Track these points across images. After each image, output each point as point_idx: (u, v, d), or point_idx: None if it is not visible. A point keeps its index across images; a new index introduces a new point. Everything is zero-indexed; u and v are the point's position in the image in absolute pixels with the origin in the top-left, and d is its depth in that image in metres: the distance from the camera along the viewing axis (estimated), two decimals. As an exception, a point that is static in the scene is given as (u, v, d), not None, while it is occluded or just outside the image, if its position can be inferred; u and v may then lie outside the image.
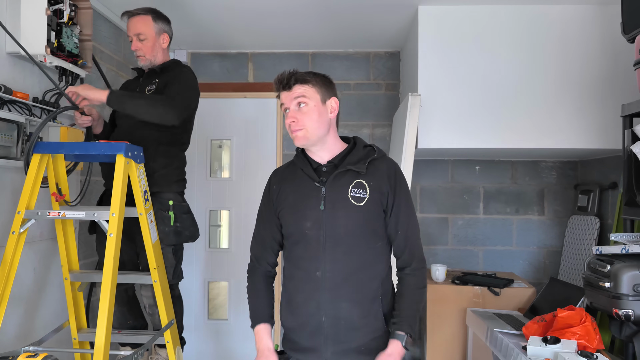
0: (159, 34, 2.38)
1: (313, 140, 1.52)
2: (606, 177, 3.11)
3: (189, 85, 2.33)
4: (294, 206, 1.55)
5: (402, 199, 1.53)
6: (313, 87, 1.51)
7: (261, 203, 1.67)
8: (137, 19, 2.35)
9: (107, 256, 1.85)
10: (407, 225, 1.53)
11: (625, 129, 2.26)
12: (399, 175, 1.55)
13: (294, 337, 1.56)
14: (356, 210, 1.48)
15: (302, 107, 1.50)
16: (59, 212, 1.96)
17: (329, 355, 1.49)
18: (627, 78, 2.70)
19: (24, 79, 2.20)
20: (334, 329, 1.48)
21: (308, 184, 1.54)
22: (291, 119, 1.49)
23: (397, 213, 1.51)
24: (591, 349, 2.03)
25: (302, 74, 1.52)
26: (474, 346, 2.96)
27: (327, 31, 3.37)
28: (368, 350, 1.49)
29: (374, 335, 1.50)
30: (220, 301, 3.97)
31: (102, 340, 1.74)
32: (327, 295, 1.48)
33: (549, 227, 3.57)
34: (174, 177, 2.37)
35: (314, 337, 1.50)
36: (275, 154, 3.76)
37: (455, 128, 2.85)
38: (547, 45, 2.83)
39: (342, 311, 1.48)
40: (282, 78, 1.50)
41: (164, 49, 2.41)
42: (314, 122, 1.50)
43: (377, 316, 1.51)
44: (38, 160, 1.98)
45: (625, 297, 1.95)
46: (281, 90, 1.52)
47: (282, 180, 1.62)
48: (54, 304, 2.44)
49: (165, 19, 2.43)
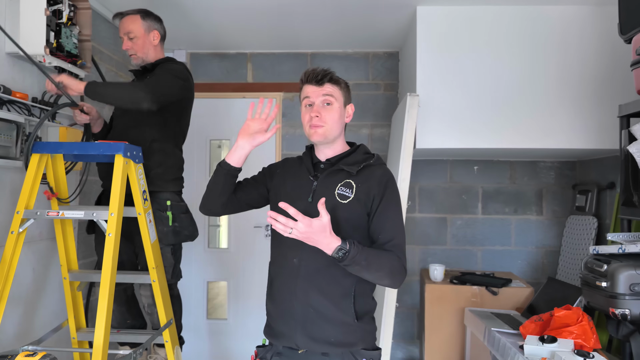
0: (149, 31, 2.40)
1: (329, 139, 1.59)
2: (604, 177, 3.12)
3: (172, 73, 2.31)
4: (288, 194, 1.60)
5: (390, 207, 1.54)
6: (340, 90, 1.60)
7: (261, 171, 1.75)
8: (126, 19, 2.39)
9: (106, 256, 1.86)
10: (393, 232, 1.53)
11: (622, 130, 2.26)
12: (391, 184, 1.58)
13: (272, 322, 1.61)
14: (339, 207, 1.52)
15: (327, 105, 1.56)
16: (58, 212, 1.96)
17: (299, 342, 1.52)
18: (624, 78, 2.71)
19: (24, 79, 2.21)
20: (304, 317, 1.51)
21: (304, 176, 1.62)
22: (315, 113, 1.55)
23: (383, 218, 1.53)
24: (588, 348, 2.04)
25: (335, 74, 1.60)
26: (472, 345, 2.97)
27: (326, 31, 3.38)
28: (338, 342, 1.51)
29: (343, 329, 1.52)
30: (220, 301, 3.97)
31: (100, 340, 1.74)
32: (301, 284, 1.52)
33: (547, 227, 3.58)
34: (170, 175, 2.37)
35: (285, 323, 1.54)
36: (274, 155, 3.77)
37: (453, 128, 2.86)
38: (545, 45, 2.84)
39: (313, 301, 1.51)
40: (317, 73, 1.56)
41: (155, 45, 2.42)
42: (335, 122, 1.57)
43: (347, 312, 1.52)
44: (37, 160, 1.99)
45: (621, 296, 1.96)
46: (311, 84, 1.57)
47: (288, 168, 1.70)
48: (53, 303, 2.44)
49: (154, 17, 2.44)
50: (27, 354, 1.44)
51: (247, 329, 3.79)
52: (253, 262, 3.80)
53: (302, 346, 1.53)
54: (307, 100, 1.57)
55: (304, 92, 1.59)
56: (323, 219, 1.36)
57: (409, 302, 3.68)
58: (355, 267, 1.41)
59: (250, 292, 3.79)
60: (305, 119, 1.58)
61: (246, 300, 3.80)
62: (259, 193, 1.70)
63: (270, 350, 1.60)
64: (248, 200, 1.69)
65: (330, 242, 1.38)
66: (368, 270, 1.43)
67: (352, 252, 1.38)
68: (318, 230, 1.35)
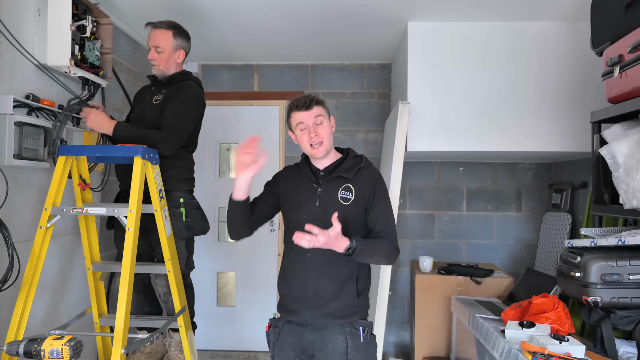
0: (176, 49, 2.34)
1: (328, 150, 1.71)
2: (577, 178, 3.13)
3: (188, 106, 2.27)
4: (295, 200, 1.75)
5: (380, 201, 1.71)
6: (324, 108, 1.72)
7: (268, 183, 1.85)
8: (158, 32, 2.31)
9: (126, 248, 1.86)
10: (385, 221, 1.70)
11: (594, 134, 2.26)
12: (380, 182, 1.74)
13: (284, 302, 1.76)
14: (343, 208, 1.67)
15: (319, 125, 1.67)
16: (82, 209, 1.96)
17: (309, 317, 1.68)
18: (596, 88, 2.71)
19: (50, 88, 2.20)
20: (314, 297, 1.67)
21: (308, 184, 1.75)
22: (314, 133, 1.66)
23: (377, 212, 1.70)
24: (563, 332, 2.04)
25: (318, 97, 1.72)
26: (457, 330, 2.97)
27: (325, 46, 3.38)
28: (340, 315, 1.68)
29: (346, 304, 1.68)
30: (229, 290, 3.97)
31: (121, 325, 1.75)
32: (312, 272, 1.68)
33: (526, 223, 3.59)
34: (182, 176, 2.36)
35: (298, 302, 1.70)
36: (278, 156, 3.77)
37: (441, 133, 2.86)
38: (525, 58, 2.84)
39: (322, 285, 1.67)
40: (306, 101, 1.67)
41: (178, 63, 2.37)
42: (329, 135, 1.70)
43: (350, 291, 1.69)
44: (63, 161, 1.99)
45: (593, 285, 1.96)
46: (302, 110, 1.66)
47: (290, 176, 1.82)
48: (77, 292, 2.44)
49: (185, 35, 2.38)
50: (55, 337, 1.44)
51: (253, 314, 3.79)
52: (258, 255, 3.80)
53: (310, 321, 1.69)
54: (302, 125, 1.67)
55: (295, 118, 1.68)
56: (336, 229, 1.49)
57: (400, 291, 3.68)
58: (362, 257, 1.59)
59: (256, 282, 3.79)
60: (304, 141, 1.68)
61: (252, 289, 3.80)
62: (272, 204, 1.81)
63: (282, 320, 1.77)
64: (265, 214, 1.81)
65: (342, 244, 1.53)
66: (371, 257, 1.63)
67: (358, 248, 1.54)
68: (334, 239, 1.50)
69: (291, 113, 1.69)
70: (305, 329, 1.71)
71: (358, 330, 1.69)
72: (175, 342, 2.41)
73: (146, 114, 2.32)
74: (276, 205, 1.81)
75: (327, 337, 1.68)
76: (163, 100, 2.30)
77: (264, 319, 3.78)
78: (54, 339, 1.43)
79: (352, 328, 1.69)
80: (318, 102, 1.69)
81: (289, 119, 1.71)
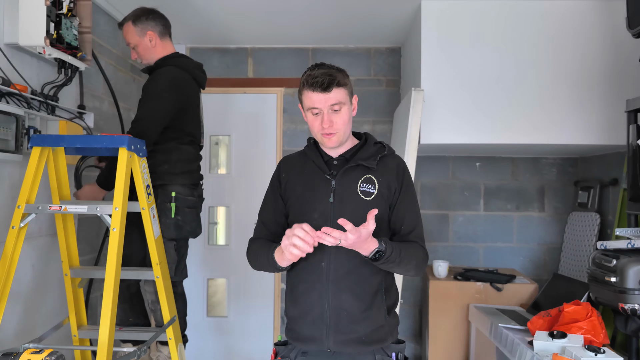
0: (143, 35, 2.36)
1: (343, 141, 1.54)
2: (606, 174, 3.11)
3: (152, 94, 2.25)
4: (302, 197, 1.55)
5: (408, 197, 1.55)
6: (346, 90, 1.50)
7: (269, 188, 1.66)
8: (124, 29, 2.40)
9: (110, 251, 1.82)
10: (414, 222, 1.55)
11: (630, 124, 2.25)
12: (407, 173, 1.58)
13: (295, 327, 1.56)
14: (364, 205, 1.48)
15: (336, 112, 1.48)
16: (60, 206, 1.91)
17: (331, 344, 1.49)
18: (631, 73, 2.69)
19: (23, 71, 2.15)
20: (335, 319, 1.48)
21: (318, 175, 1.55)
22: (327, 123, 1.47)
23: (404, 210, 1.53)
24: (597, 343, 2.02)
25: (341, 76, 1.48)
26: (476, 342, 2.95)
27: (328, 26, 3.34)
28: (370, 341, 1.50)
29: (376, 326, 1.51)
30: (218, 298, 3.93)
31: (105, 337, 1.70)
32: (331, 287, 1.49)
33: (549, 224, 3.57)
34: (177, 169, 2.33)
35: (315, 327, 1.50)
36: (275, 150, 3.73)
37: (458, 123, 2.83)
38: (551, 40, 2.81)
39: (345, 303, 1.48)
40: (324, 81, 1.44)
41: (154, 47, 2.38)
42: (346, 124, 1.51)
43: (380, 309, 1.52)
44: (38, 153, 1.94)
45: (631, 291, 1.94)
46: (317, 91, 1.45)
47: (292, 169, 1.62)
48: (53, 300, 2.39)
49: (146, 15, 2.37)
50: (33, 351, 1.39)
51: (248, 326, 3.75)
52: (253, 259, 3.75)
53: (334, 349, 1.50)
54: (314, 109, 1.48)
55: (308, 98, 1.48)
56: (369, 228, 1.32)
57: (411, 299, 3.66)
58: (390, 264, 1.42)
59: (251, 290, 3.75)
60: (315, 127, 1.50)
61: (246, 298, 3.76)
62: (284, 209, 1.61)
63: (294, 349, 1.57)
64: (283, 223, 1.61)
65: (369, 246, 1.37)
66: (399, 266, 1.44)
67: (388, 252, 1.38)
68: (364, 239, 1.33)
69: (304, 89, 1.48)
70: (325, 356, 1.52)
71: (390, 357, 1.53)
72: (163, 357, 2.38)
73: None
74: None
75: None
76: (142, 91, 2.33)
77: (260, 331, 3.76)
78: (32, 352, 1.39)
79: (383, 355, 1.52)
80: (340, 83, 1.46)
81: (301, 95, 1.51)
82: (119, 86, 3.07)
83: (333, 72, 1.47)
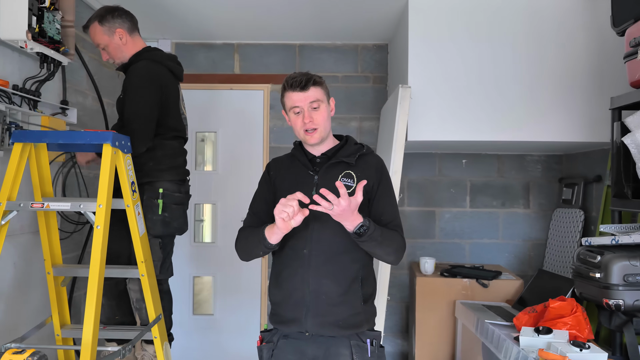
0: (111, 34, 2.31)
1: (324, 137, 1.67)
2: (590, 171, 3.15)
3: (136, 91, 2.22)
4: (288, 190, 1.62)
5: (387, 191, 1.69)
6: (323, 89, 1.67)
7: (258, 185, 1.78)
8: (90, 31, 2.34)
9: (94, 249, 1.79)
10: (393, 213, 1.67)
11: (614, 122, 2.27)
12: (385, 170, 1.72)
13: (279, 310, 1.67)
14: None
15: (315, 109, 1.63)
16: (42, 204, 1.88)
17: (309, 326, 1.60)
18: (614, 71, 2.72)
19: (4, 66, 2.11)
20: (315, 303, 1.60)
21: (303, 172, 1.69)
22: (308, 119, 1.62)
23: (383, 203, 1.66)
24: (582, 338, 2.05)
25: (317, 77, 1.65)
26: (463, 338, 2.97)
27: (315, 23, 3.33)
28: (347, 325, 1.61)
29: (352, 312, 1.62)
30: (205, 296, 3.90)
31: (89, 336, 1.68)
32: (312, 272, 1.60)
33: (534, 220, 3.61)
34: (163, 165, 2.31)
35: (296, 309, 1.61)
36: (262, 147, 3.70)
37: (445, 120, 2.84)
38: (539, 37, 2.83)
39: (324, 287, 1.60)
40: (302, 80, 1.61)
41: (125, 44, 2.33)
42: (325, 121, 1.65)
43: (356, 295, 1.63)
44: (20, 149, 1.90)
45: (615, 287, 1.97)
46: (296, 91, 1.61)
47: (280, 167, 1.76)
48: (36, 299, 2.35)
49: (111, 13, 2.32)
50: (15, 351, 1.37)
51: (234, 324, 3.73)
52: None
53: (311, 331, 1.61)
54: (296, 108, 1.63)
55: (289, 99, 1.63)
56: (358, 198, 1.44)
57: (397, 295, 3.67)
58: (372, 242, 1.52)
59: (237, 287, 3.73)
60: (297, 126, 1.64)
61: (232, 295, 3.74)
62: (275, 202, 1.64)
63: (277, 333, 1.68)
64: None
65: (355, 220, 1.47)
66: (381, 246, 1.55)
67: (371, 228, 1.49)
68: (354, 208, 1.44)
69: (285, 92, 1.65)
70: (305, 342, 1.63)
71: (365, 343, 1.62)
72: (149, 356, 2.35)
73: (118, 110, 2.35)
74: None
75: (331, 352, 1.61)
76: (122, 92, 2.30)
77: (247, 328, 3.74)
78: (13, 353, 1.36)
79: (358, 340, 1.63)
80: (316, 82, 1.64)
81: (283, 99, 1.67)
82: (103, 81, 3.02)
83: (309, 74, 1.64)
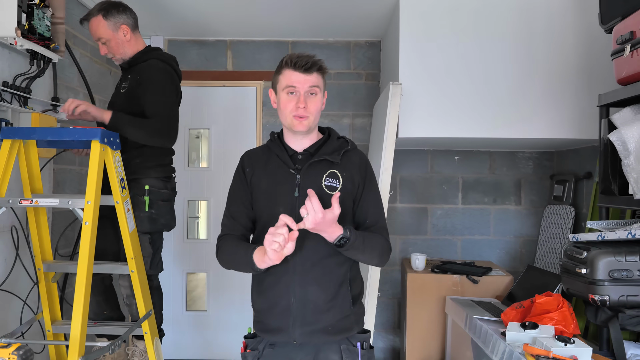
0: (116, 29, 2.31)
1: (312, 128, 1.56)
2: (581, 168, 3.17)
3: (166, 91, 2.27)
4: (267, 191, 1.56)
5: (372, 191, 1.60)
6: (323, 79, 1.56)
7: (233, 183, 1.66)
8: (91, 24, 2.33)
9: (83, 245, 1.80)
10: (377, 215, 1.60)
11: (602, 119, 2.28)
12: (369, 167, 1.63)
13: (263, 319, 1.58)
14: (329, 199, 1.47)
15: (312, 95, 1.52)
16: (31, 200, 1.89)
17: (297, 335, 1.52)
18: (601, 68, 2.74)
19: (-7, 62, 2.11)
20: (302, 311, 1.51)
21: (283, 170, 1.56)
22: (302, 104, 1.50)
23: (367, 204, 1.58)
24: (568, 333, 2.06)
25: (323, 63, 1.54)
26: (453, 333, 2.99)
27: (307, 20, 3.34)
28: (335, 330, 1.54)
29: (341, 315, 1.55)
30: (199, 293, 3.92)
31: (77, 331, 1.69)
32: (297, 279, 1.51)
33: (526, 217, 3.63)
34: (150, 162, 2.32)
35: (282, 318, 1.53)
36: (255, 144, 3.71)
37: (437, 117, 2.85)
38: (529, 35, 2.84)
39: (310, 294, 1.51)
40: (307, 62, 1.49)
41: (128, 41, 2.35)
42: (318, 111, 1.55)
43: (345, 298, 1.56)
44: (9, 145, 1.90)
45: (601, 282, 1.98)
46: (299, 71, 1.49)
47: (255, 163, 1.62)
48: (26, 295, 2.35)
49: (117, 9, 2.33)
50: (1, 345, 1.38)
51: (227, 320, 3.74)
52: (233, 253, 3.74)
53: (299, 340, 1.52)
54: (292, 88, 1.50)
55: (286, 77, 1.50)
56: (335, 212, 1.37)
57: (389, 291, 3.69)
58: (354, 251, 1.46)
59: (230, 284, 3.75)
60: (287, 107, 1.51)
61: (226, 292, 3.75)
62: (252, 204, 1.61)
63: (262, 341, 1.59)
64: (253, 217, 1.61)
65: (334, 231, 1.41)
66: (363, 253, 1.49)
67: (352, 239, 1.42)
68: (330, 222, 1.38)
69: (283, 69, 1.51)
70: (292, 350, 1.54)
71: (355, 347, 1.55)
72: (139, 351, 2.37)
73: (116, 103, 2.34)
74: None
75: (320, 358, 1.54)
76: (129, 86, 2.31)
77: (240, 324, 3.76)
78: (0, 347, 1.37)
79: (348, 344, 1.56)
80: (321, 68, 1.52)
81: (278, 75, 1.53)
82: (94, 78, 3.02)
83: (318, 58, 1.52)
